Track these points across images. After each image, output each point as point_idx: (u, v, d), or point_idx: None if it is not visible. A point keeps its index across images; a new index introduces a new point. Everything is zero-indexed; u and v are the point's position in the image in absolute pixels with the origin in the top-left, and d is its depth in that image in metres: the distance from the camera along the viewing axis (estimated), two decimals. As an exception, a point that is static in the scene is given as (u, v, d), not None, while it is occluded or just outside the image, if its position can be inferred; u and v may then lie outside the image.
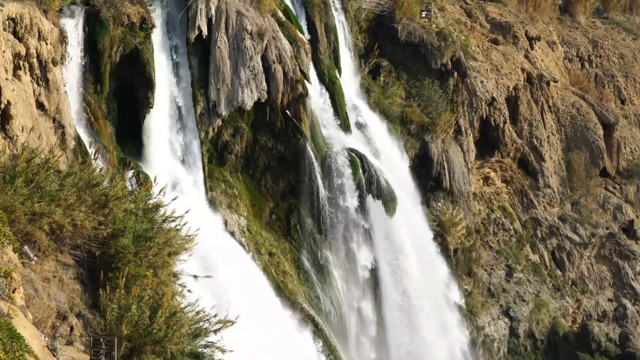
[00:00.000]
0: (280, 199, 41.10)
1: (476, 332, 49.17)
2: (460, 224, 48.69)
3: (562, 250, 55.83)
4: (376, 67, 49.93)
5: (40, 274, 19.64)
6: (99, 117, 34.45)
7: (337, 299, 41.10)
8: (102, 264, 20.86)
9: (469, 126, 51.82)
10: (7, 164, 20.54)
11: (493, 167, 54.79)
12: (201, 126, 37.87)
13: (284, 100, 39.78)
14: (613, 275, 57.36)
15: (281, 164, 40.80)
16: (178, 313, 19.51)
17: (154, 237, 21.28)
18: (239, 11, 38.81)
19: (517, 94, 55.66)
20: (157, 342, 18.95)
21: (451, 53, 50.15)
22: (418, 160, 48.04)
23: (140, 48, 35.34)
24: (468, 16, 59.48)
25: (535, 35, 60.67)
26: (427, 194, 48.19)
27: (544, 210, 56.09)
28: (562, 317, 53.52)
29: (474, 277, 50.98)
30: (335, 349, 38.65)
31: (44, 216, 19.66)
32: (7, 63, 27.52)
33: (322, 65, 44.09)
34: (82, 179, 21.25)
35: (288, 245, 40.51)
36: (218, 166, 39.27)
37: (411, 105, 48.71)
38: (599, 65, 66.73)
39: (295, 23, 42.74)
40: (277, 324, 35.27)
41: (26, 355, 14.23)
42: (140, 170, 33.68)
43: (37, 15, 29.62)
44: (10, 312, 15.39)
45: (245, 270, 36.31)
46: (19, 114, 26.94)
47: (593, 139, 59.05)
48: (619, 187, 60.42)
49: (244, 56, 38.39)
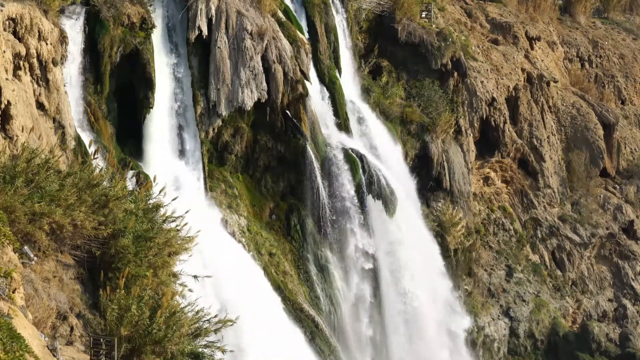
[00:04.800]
0: (280, 199, 41.09)
1: (476, 332, 49.16)
2: (460, 223, 48.70)
3: (562, 251, 55.82)
4: (376, 67, 49.93)
5: (40, 274, 19.63)
6: (99, 117, 34.46)
7: (337, 299, 41.09)
8: (102, 264, 20.83)
9: (469, 126, 51.82)
10: (7, 164, 20.52)
11: (493, 167, 54.78)
12: (201, 126, 37.87)
13: (284, 100, 39.77)
14: (613, 275, 57.35)
15: (281, 164, 40.78)
16: (178, 313, 19.51)
17: (154, 237, 21.26)
18: (239, 11, 38.81)
19: (517, 94, 55.64)
20: (157, 342, 18.96)
21: (451, 53, 50.16)
22: (418, 160, 48.04)
23: (140, 48, 35.35)
24: (468, 16, 59.47)
25: (535, 35, 60.66)
26: (427, 194, 48.19)
27: (544, 210, 56.08)
28: (562, 317, 53.52)
29: (474, 277, 50.98)
30: (335, 349, 38.65)
31: (44, 216, 19.64)
32: (7, 63, 27.52)
33: (322, 65, 44.08)
34: (82, 179, 21.23)
35: (288, 246, 40.50)
36: (218, 166, 39.27)
37: (411, 105, 48.71)
38: (599, 65, 66.72)
39: (295, 23, 42.73)
40: (277, 324, 35.27)
41: (26, 355, 14.22)
42: (140, 170, 33.68)
43: (37, 16, 29.61)
44: (10, 312, 15.38)
45: (245, 270, 36.29)
46: (19, 114, 26.94)
47: (593, 139, 59.03)
48: (619, 187, 60.41)
49: (244, 56, 38.39)
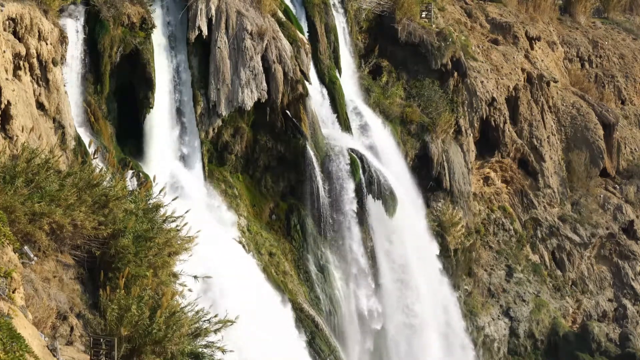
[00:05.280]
0: (280, 199, 41.08)
1: (476, 332, 49.16)
2: (460, 223, 48.70)
3: (562, 251, 55.82)
4: (376, 67, 49.92)
5: (40, 274, 19.62)
6: (99, 117, 34.46)
7: (337, 299, 41.09)
8: (102, 264, 20.81)
9: (469, 126, 51.81)
10: (7, 164, 20.50)
11: (493, 167, 54.77)
12: (201, 126, 37.87)
13: (284, 100, 39.76)
14: (613, 275, 57.35)
15: (281, 164, 40.77)
16: (178, 313, 19.50)
17: (154, 237, 21.23)
18: (239, 11, 38.80)
19: (517, 94, 55.63)
20: (157, 342, 18.95)
21: (451, 53, 50.15)
22: (418, 160, 48.04)
23: (140, 48, 35.34)
24: (468, 16, 59.46)
25: (535, 35, 60.65)
26: (427, 194, 48.19)
27: (544, 210, 56.07)
28: (562, 317, 53.52)
29: (474, 277, 50.98)
30: (335, 349, 38.63)
31: (44, 216, 19.63)
32: (7, 63, 27.51)
33: (322, 65, 44.08)
34: (82, 179, 21.21)
35: (288, 246, 40.49)
36: (218, 166, 39.26)
37: (411, 105, 48.71)
38: (599, 65, 66.72)
39: (295, 23, 42.73)
40: (277, 323, 35.26)
41: (26, 355, 14.22)
42: (140, 170, 33.67)
43: (37, 16, 29.61)
44: (10, 312, 15.37)
45: (245, 270, 36.28)
46: (19, 114, 26.94)
47: (593, 139, 59.03)
48: (619, 187, 60.40)
49: (244, 56, 38.38)
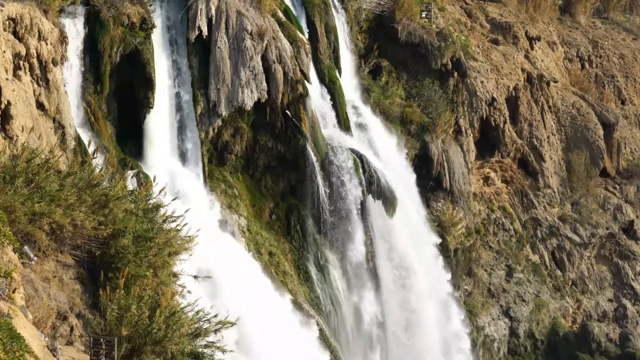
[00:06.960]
0: (280, 199, 41.09)
1: (476, 332, 49.16)
2: (460, 223, 48.69)
3: (562, 251, 55.82)
4: (376, 67, 49.92)
5: (40, 274, 19.62)
6: (99, 117, 34.45)
7: (337, 299, 41.09)
8: (102, 264, 20.81)
9: (469, 126, 51.81)
10: (7, 164, 20.49)
11: (493, 167, 54.77)
12: (201, 126, 37.87)
13: (284, 100, 39.77)
14: (613, 275, 57.34)
15: (281, 164, 40.79)
16: (177, 313, 19.50)
17: (154, 237, 21.22)
18: (239, 11, 38.80)
19: (517, 94, 55.63)
20: (157, 342, 18.94)
21: (451, 53, 50.15)
22: (418, 160, 48.04)
23: (140, 48, 35.34)
24: (468, 16, 59.44)
25: (535, 35, 60.64)
26: (427, 194, 48.19)
27: (544, 210, 56.07)
28: (562, 318, 53.53)
29: (474, 277, 50.98)
30: (335, 349, 38.64)
31: (44, 216, 19.62)
32: (7, 63, 27.51)
33: (322, 65, 44.08)
34: (82, 179, 21.21)
35: (288, 246, 40.50)
36: (218, 166, 39.27)
37: (411, 105, 48.71)
38: (599, 65, 66.71)
39: (295, 23, 42.73)
40: (277, 323, 35.25)
41: (26, 355, 14.22)
42: (140, 170, 33.67)
43: (37, 16, 29.61)
44: (10, 312, 15.37)
45: (244, 270, 36.29)
46: (19, 114, 26.94)
47: (593, 139, 59.02)
48: (619, 187, 60.40)
49: (244, 56, 38.39)
